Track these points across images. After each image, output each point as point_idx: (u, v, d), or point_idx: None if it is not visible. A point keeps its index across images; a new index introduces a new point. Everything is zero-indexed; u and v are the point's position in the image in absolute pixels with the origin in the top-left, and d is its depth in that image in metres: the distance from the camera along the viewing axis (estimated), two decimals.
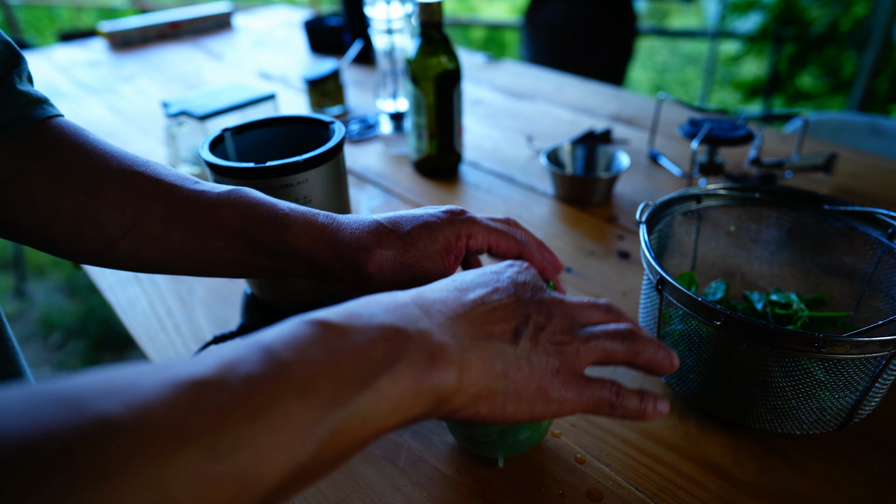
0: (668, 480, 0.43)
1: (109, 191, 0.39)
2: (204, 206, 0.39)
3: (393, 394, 0.25)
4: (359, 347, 0.25)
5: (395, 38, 0.92)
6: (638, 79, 4.46)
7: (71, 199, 0.38)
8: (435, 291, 0.31)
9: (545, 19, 2.24)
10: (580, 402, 0.32)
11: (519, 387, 0.30)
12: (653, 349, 0.34)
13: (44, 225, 0.39)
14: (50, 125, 0.40)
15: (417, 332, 0.27)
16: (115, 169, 0.39)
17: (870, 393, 0.42)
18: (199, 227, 0.39)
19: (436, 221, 0.39)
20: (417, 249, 0.38)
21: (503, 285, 0.33)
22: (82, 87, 1.34)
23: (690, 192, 0.55)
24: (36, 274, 2.26)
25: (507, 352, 0.30)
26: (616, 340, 0.33)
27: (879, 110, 2.96)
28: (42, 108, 0.40)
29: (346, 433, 0.24)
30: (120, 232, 0.39)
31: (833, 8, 3.14)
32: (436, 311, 0.29)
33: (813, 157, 0.84)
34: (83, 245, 0.40)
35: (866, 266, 0.52)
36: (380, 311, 0.27)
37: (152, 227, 0.39)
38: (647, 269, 0.48)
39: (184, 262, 0.40)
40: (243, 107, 0.88)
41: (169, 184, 0.40)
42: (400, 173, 0.93)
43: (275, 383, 0.22)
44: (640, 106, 1.16)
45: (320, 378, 0.23)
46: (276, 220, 0.38)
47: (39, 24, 5.08)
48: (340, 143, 0.49)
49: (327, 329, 0.25)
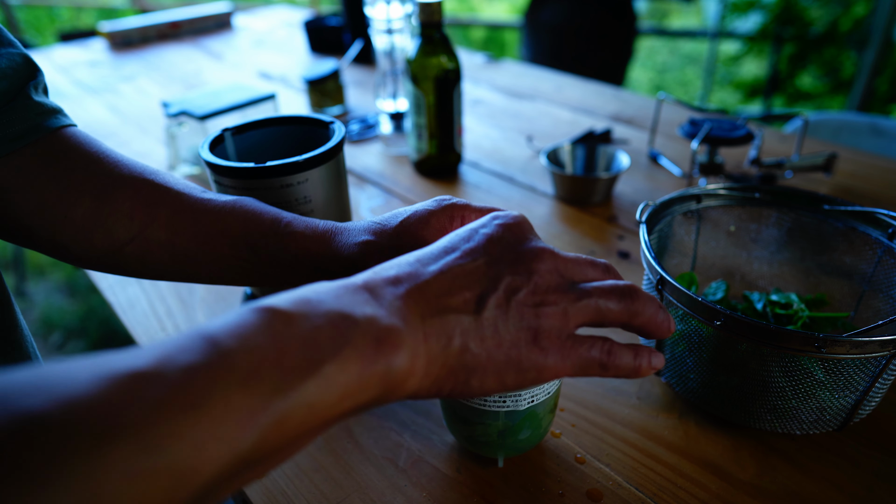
0: (668, 480, 0.43)
1: (119, 197, 0.40)
2: (209, 213, 0.40)
3: (340, 380, 0.24)
4: (305, 334, 0.24)
5: (395, 38, 0.92)
6: (638, 79, 4.46)
7: (82, 205, 0.40)
8: (392, 268, 0.30)
9: (545, 19, 2.24)
10: (563, 366, 0.30)
11: (482, 359, 0.29)
12: (652, 309, 0.32)
13: (55, 230, 0.40)
14: (63, 135, 0.41)
15: (364, 316, 0.26)
16: (126, 176, 0.41)
17: (870, 393, 0.42)
18: (203, 233, 0.40)
19: (426, 209, 0.39)
20: (410, 235, 0.38)
21: (473, 246, 0.31)
22: (82, 87, 1.34)
23: (690, 192, 0.55)
24: (36, 274, 2.26)
25: (466, 323, 0.29)
26: (612, 298, 0.31)
27: (879, 110, 2.96)
28: (56, 119, 0.41)
29: (292, 421, 0.23)
30: (128, 237, 0.40)
31: (833, 8, 3.14)
32: (387, 291, 0.28)
33: (813, 157, 0.84)
34: (92, 250, 0.41)
35: (866, 266, 0.52)
36: (329, 297, 0.27)
37: (159, 232, 0.40)
38: (647, 269, 0.48)
39: (187, 268, 0.41)
40: (243, 107, 0.88)
41: (176, 192, 0.41)
42: (400, 173, 0.93)
43: (215, 372, 0.21)
44: (640, 106, 1.16)
45: (264, 366, 0.23)
46: (278, 226, 0.39)
47: (39, 24, 5.08)
48: (340, 143, 0.49)
49: (274, 315, 0.24)
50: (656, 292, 0.46)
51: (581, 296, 0.31)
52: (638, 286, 0.32)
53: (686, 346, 0.47)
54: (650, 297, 0.32)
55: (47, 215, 0.39)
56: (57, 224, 0.40)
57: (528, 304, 0.30)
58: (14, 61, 0.40)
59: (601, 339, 0.31)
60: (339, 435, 0.48)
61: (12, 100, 0.39)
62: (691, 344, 0.46)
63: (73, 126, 0.42)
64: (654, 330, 0.32)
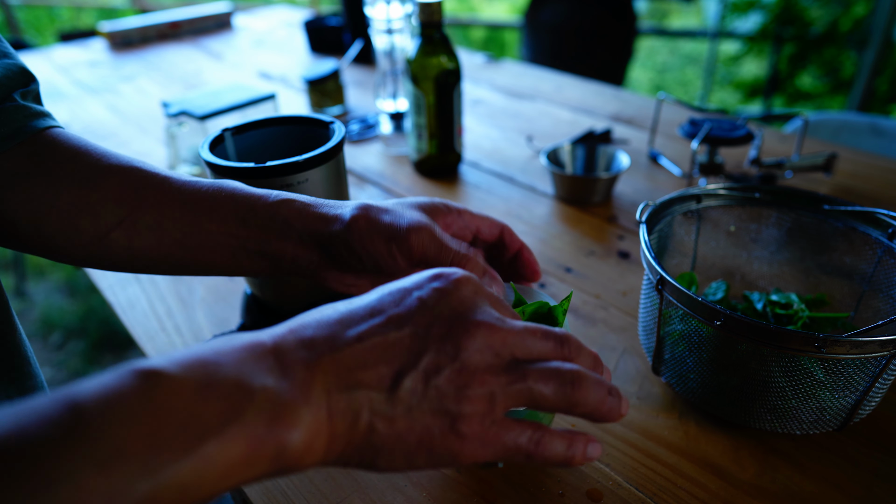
0: (668, 480, 0.43)
1: (106, 184, 0.40)
2: (197, 193, 0.40)
3: (221, 459, 0.22)
4: (188, 407, 0.22)
5: (395, 38, 0.92)
6: (638, 79, 4.46)
7: (68, 193, 0.39)
8: (311, 326, 0.27)
9: (545, 19, 2.24)
10: (482, 453, 0.27)
11: (390, 441, 0.26)
12: (597, 397, 0.28)
13: (39, 221, 0.39)
14: (49, 135, 0.41)
15: (262, 388, 0.24)
16: (114, 165, 0.41)
17: (870, 393, 0.42)
18: (192, 213, 0.40)
19: (417, 199, 0.41)
20: (401, 205, 0.40)
21: (401, 312, 0.28)
22: (82, 87, 1.34)
23: (690, 192, 0.55)
24: (36, 274, 2.26)
25: (377, 402, 0.26)
26: (550, 383, 0.28)
27: (879, 110, 2.96)
28: (43, 120, 0.41)
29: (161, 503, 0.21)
30: (115, 221, 0.40)
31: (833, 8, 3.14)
32: (296, 358, 0.26)
33: (813, 157, 0.84)
34: (78, 237, 0.40)
35: (866, 266, 0.52)
36: (229, 361, 0.24)
37: (146, 215, 0.40)
38: (647, 269, 0.48)
39: (175, 252, 0.41)
40: (243, 107, 0.88)
41: (164, 177, 0.41)
42: (400, 173, 0.93)
43: (72, 449, 0.19)
44: (640, 106, 1.16)
45: (131, 443, 0.20)
46: (267, 197, 0.40)
47: (39, 24, 5.08)
48: (340, 143, 0.49)
49: (156, 382, 0.22)
50: (656, 292, 0.46)
51: (514, 379, 0.28)
52: (584, 372, 0.29)
53: (686, 346, 0.47)
54: (596, 381, 0.29)
55: (32, 207, 0.39)
56: (42, 214, 0.39)
57: (450, 386, 0.27)
58: (11, 70, 0.40)
59: (531, 427, 0.28)
60: None
61: (0, 104, 0.40)
62: (691, 344, 0.46)
63: (60, 127, 0.42)
64: (601, 418, 0.29)
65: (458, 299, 0.29)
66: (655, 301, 0.48)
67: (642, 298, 0.52)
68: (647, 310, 0.51)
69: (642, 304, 0.52)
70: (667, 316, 0.48)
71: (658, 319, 0.48)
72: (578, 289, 0.65)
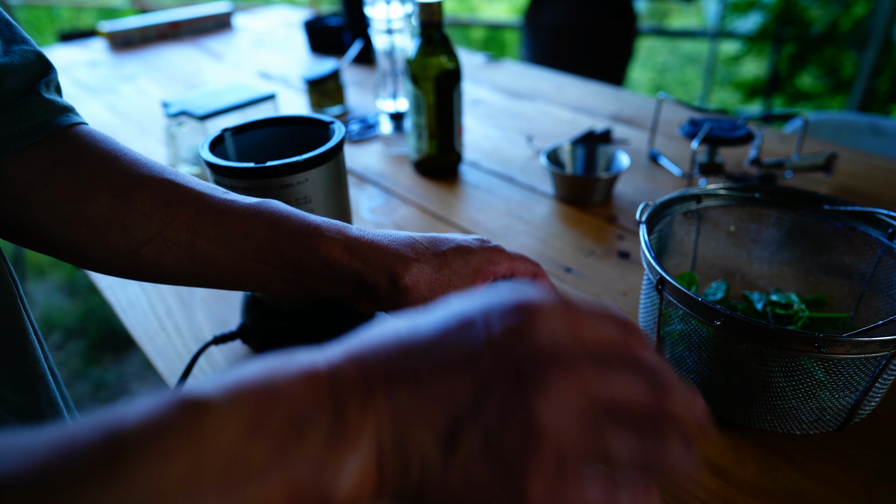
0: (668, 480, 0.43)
1: (138, 196, 0.38)
2: (233, 215, 0.38)
3: (261, 502, 0.21)
4: (234, 446, 0.21)
5: (395, 38, 0.92)
6: (638, 79, 4.47)
7: (98, 203, 0.38)
8: (370, 354, 0.24)
9: (545, 19, 2.24)
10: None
11: (444, 495, 0.23)
12: (679, 461, 0.25)
13: (68, 229, 0.38)
14: (76, 132, 0.40)
15: (313, 430, 0.22)
16: (146, 176, 0.39)
17: (870, 393, 0.42)
18: (227, 236, 0.38)
19: (469, 245, 0.38)
20: (451, 270, 0.37)
21: (465, 349, 0.23)
22: (82, 87, 1.34)
23: (690, 192, 0.55)
24: (36, 274, 2.26)
25: (430, 453, 0.23)
26: (630, 441, 0.24)
27: (879, 110, 2.96)
28: (67, 116, 0.40)
29: None
30: (146, 237, 0.38)
31: (833, 8, 3.14)
32: (351, 392, 0.23)
33: (813, 157, 0.84)
34: (108, 249, 0.39)
35: (866, 266, 0.52)
36: (285, 390, 0.22)
37: (178, 233, 0.38)
38: (647, 269, 0.48)
39: (206, 271, 0.39)
40: (243, 107, 0.88)
41: (198, 192, 0.39)
42: (400, 173, 0.93)
43: (110, 486, 0.19)
44: (640, 106, 1.16)
45: (171, 483, 0.19)
46: (308, 229, 0.38)
47: (39, 24, 5.08)
48: (340, 143, 0.49)
49: (202, 416, 0.21)
50: (656, 292, 0.46)
51: (591, 439, 0.23)
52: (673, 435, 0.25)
53: (686, 346, 0.47)
54: (683, 444, 0.25)
55: (60, 213, 0.38)
56: (71, 223, 0.38)
57: (514, 441, 0.22)
58: (27, 58, 0.39)
59: (606, 481, 0.24)
60: None
61: (23, 96, 0.38)
62: (691, 344, 0.46)
63: (84, 124, 0.41)
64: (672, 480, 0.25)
65: (533, 341, 0.23)
66: (655, 301, 0.48)
67: (642, 298, 0.52)
68: (647, 310, 0.51)
69: (642, 304, 0.52)
70: (667, 316, 0.48)
71: (658, 319, 0.48)
72: (578, 289, 0.65)
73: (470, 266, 0.38)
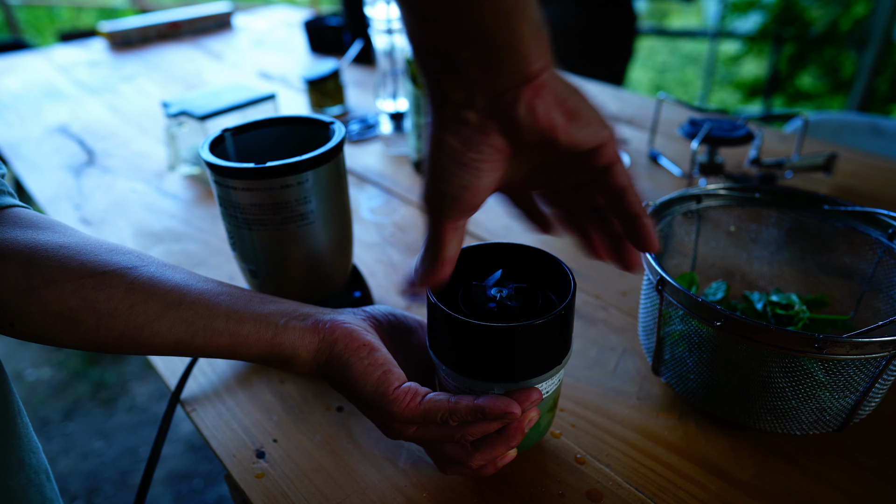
0: (668, 480, 0.43)
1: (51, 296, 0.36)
2: (191, 308, 0.39)
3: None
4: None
5: (395, 38, 0.92)
6: (638, 79, 4.47)
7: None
8: None
9: (545, 19, 2.24)
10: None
11: None
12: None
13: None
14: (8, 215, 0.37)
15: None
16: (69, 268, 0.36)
17: (870, 393, 0.42)
18: (185, 325, 0.39)
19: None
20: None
21: None
22: (82, 87, 1.34)
23: (690, 192, 0.55)
24: None
25: None
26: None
27: (879, 110, 2.96)
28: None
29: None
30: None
31: (833, 8, 3.14)
32: None
33: (813, 157, 0.84)
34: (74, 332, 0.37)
35: (866, 266, 0.52)
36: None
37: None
38: (647, 269, 0.48)
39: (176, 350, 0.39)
40: (243, 107, 0.88)
41: (152, 284, 0.38)
42: (400, 173, 0.93)
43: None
44: (640, 106, 1.16)
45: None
46: (264, 334, 0.40)
47: (39, 24, 5.08)
48: (340, 143, 0.49)
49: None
50: (656, 293, 0.46)
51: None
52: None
53: (686, 347, 0.47)
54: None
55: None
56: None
57: None
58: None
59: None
60: (339, 435, 0.48)
61: None
62: (691, 344, 0.46)
63: (18, 206, 0.39)
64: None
65: None
66: (655, 301, 0.48)
67: (642, 299, 0.52)
68: (647, 310, 0.51)
69: (642, 304, 0.52)
70: (667, 316, 0.48)
71: (658, 320, 0.48)
72: (578, 289, 0.65)
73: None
